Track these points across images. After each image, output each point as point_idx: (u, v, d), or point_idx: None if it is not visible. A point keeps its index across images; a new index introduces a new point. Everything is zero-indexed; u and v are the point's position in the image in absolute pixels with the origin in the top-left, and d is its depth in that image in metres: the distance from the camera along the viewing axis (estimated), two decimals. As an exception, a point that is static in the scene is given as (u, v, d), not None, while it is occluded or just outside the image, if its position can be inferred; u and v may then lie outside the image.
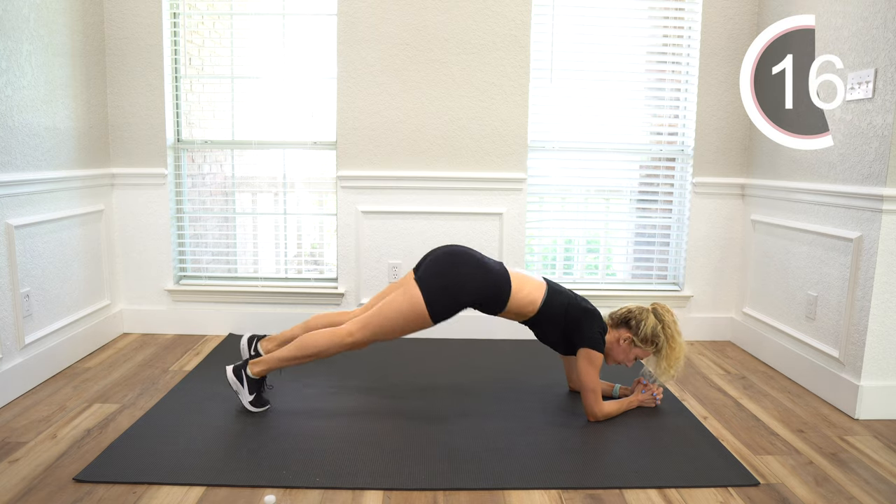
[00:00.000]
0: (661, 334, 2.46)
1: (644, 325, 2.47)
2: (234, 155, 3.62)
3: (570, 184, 3.63)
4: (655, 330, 2.46)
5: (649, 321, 2.48)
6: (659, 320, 2.48)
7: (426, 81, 3.38)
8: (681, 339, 2.49)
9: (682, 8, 3.48)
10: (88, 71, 3.17)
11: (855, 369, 2.60)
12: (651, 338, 2.47)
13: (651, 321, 2.48)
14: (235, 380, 2.45)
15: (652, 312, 2.50)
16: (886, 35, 2.46)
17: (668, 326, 2.47)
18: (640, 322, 2.48)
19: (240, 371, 2.46)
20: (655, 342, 2.48)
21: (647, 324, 2.47)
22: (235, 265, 3.70)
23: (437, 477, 2.04)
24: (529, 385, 2.85)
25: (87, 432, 2.31)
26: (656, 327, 2.47)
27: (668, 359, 2.47)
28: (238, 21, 3.48)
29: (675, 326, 2.49)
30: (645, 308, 2.53)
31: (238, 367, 2.47)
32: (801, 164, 3.00)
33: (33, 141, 2.73)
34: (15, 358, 2.62)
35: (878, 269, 2.50)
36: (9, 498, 1.87)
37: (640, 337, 2.48)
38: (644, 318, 2.49)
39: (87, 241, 3.18)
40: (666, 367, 2.48)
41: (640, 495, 1.98)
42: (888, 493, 2.02)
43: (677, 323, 2.51)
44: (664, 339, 2.46)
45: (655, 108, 3.61)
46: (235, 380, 2.45)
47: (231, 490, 1.95)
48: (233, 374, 2.46)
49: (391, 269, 3.51)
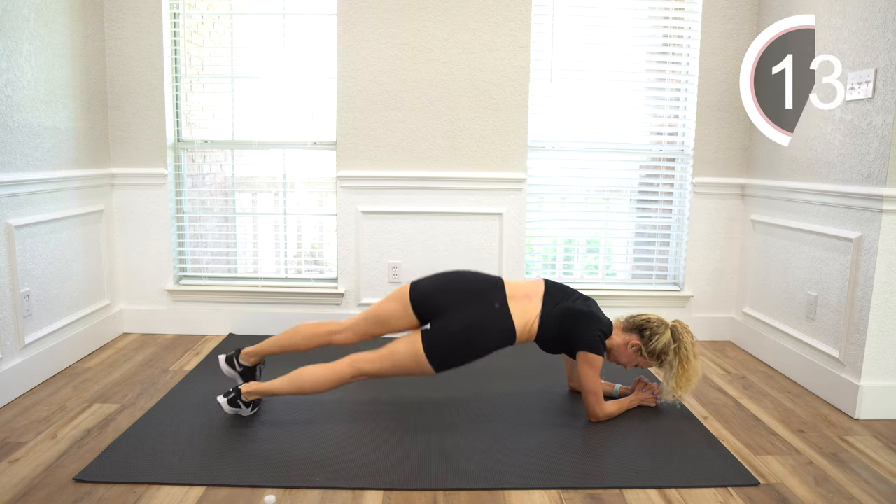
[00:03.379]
0: (672, 353, 2.43)
1: (657, 339, 2.44)
2: (234, 155, 3.62)
3: (570, 184, 3.63)
4: (667, 348, 2.43)
5: (664, 338, 2.44)
6: (675, 340, 2.44)
7: (426, 81, 3.38)
8: (696, 362, 2.44)
9: (682, 8, 3.48)
10: (88, 71, 3.17)
11: (855, 369, 2.60)
12: (659, 354, 2.45)
13: (665, 338, 2.44)
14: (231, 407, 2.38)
15: (670, 330, 2.46)
16: (886, 35, 2.46)
17: (683, 347, 2.43)
18: (655, 336, 2.45)
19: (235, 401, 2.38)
20: (662, 360, 2.46)
21: (661, 339, 2.44)
22: (235, 265, 3.70)
23: (437, 477, 2.04)
24: (529, 385, 2.85)
25: (87, 432, 2.31)
26: (668, 345, 2.43)
27: (677, 378, 2.43)
28: (238, 21, 3.48)
29: (692, 349, 2.44)
30: (665, 322, 2.48)
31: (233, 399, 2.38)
32: (801, 164, 3.00)
33: (33, 141, 2.73)
34: (15, 358, 2.62)
35: (878, 269, 2.50)
36: (9, 498, 1.87)
37: (648, 349, 2.45)
38: (660, 332, 2.45)
39: (87, 241, 3.18)
40: (675, 386, 2.44)
41: (640, 495, 1.98)
42: (888, 493, 2.02)
43: (695, 345, 2.46)
44: (674, 358, 2.43)
45: (655, 108, 3.61)
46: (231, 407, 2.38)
47: (231, 490, 1.95)
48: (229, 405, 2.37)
49: (391, 269, 3.51)
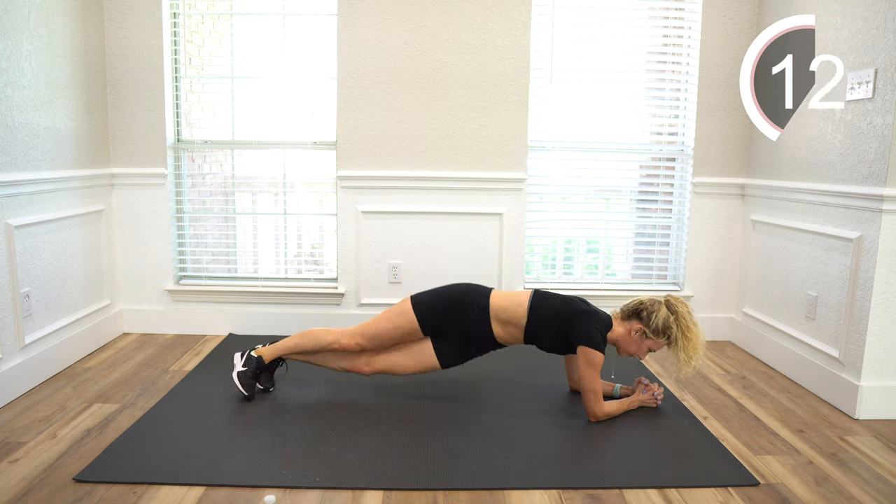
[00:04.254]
0: (674, 325, 2.44)
1: (656, 316, 2.46)
2: (234, 155, 3.62)
3: (570, 184, 3.63)
4: (668, 321, 2.44)
5: (661, 312, 2.46)
6: (671, 312, 2.46)
7: (426, 81, 3.38)
8: (697, 329, 2.45)
9: (682, 8, 3.48)
10: (88, 71, 3.17)
11: (855, 369, 2.60)
12: (663, 329, 2.45)
13: (663, 312, 2.46)
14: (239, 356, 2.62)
15: (665, 304, 2.49)
16: (886, 35, 2.46)
17: (682, 317, 2.45)
18: (652, 313, 2.47)
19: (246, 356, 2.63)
20: (667, 333, 2.46)
21: (659, 315, 2.45)
22: (235, 265, 3.70)
23: (437, 477, 2.04)
24: (529, 385, 2.85)
25: (87, 432, 2.31)
26: (668, 318, 2.45)
27: (685, 350, 2.43)
28: (238, 21, 3.48)
29: (690, 317, 2.46)
30: (657, 300, 2.51)
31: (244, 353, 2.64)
32: (801, 164, 3.00)
33: (33, 141, 2.73)
34: (15, 358, 2.62)
35: (878, 269, 2.50)
36: (9, 498, 1.87)
37: (651, 328, 2.47)
38: (656, 309, 2.47)
39: (87, 241, 3.17)
40: (685, 358, 2.44)
41: (640, 495, 1.98)
42: (888, 493, 2.02)
43: (692, 314, 2.48)
44: (677, 331, 2.44)
45: (655, 108, 3.61)
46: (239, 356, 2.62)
47: (231, 490, 1.95)
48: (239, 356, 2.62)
49: (391, 269, 3.51)
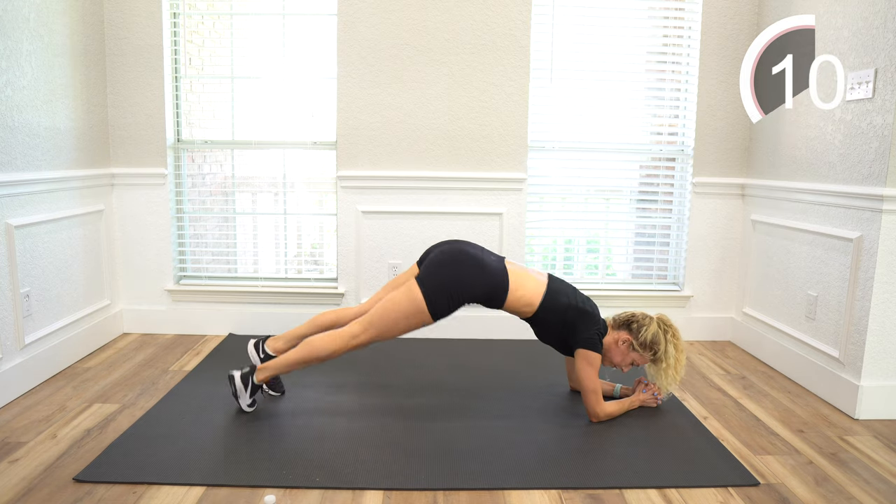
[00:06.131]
0: (663, 342, 2.46)
1: (646, 329, 2.48)
2: (234, 155, 3.62)
3: (570, 184, 3.63)
4: (656, 337, 2.47)
5: (651, 327, 2.48)
6: (663, 328, 2.49)
7: (426, 81, 3.38)
8: (683, 354, 2.50)
9: (682, 8, 3.48)
10: (88, 71, 3.17)
11: (855, 369, 2.60)
12: (650, 344, 2.47)
13: (653, 328, 2.48)
14: (242, 386, 2.46)
15: (656, 321, 2.51)
16: (886, 35, 2.46)
17: (673, 335, 2.49)
18: (643, 327, 2.49)
19: (247, 378, 2.47)
20: (654, 349, 2.48)
21: (649, 330, 2.48)
22: (235, 265, 3.70)
23: (437, 477, 2.04)
24: (529, 385, 2.85)
25: (87, 432, 2.31)
26: (657, 335, 2.47)
27: (669, 369, 2.47)
28: (238, 21, 3.48)
29: (679, 339, 2.50)
30: (649, 315, 2.54)
31: (246, 374, 2.47)
32: (801, 164, 3.00)
33: (33, 141, 2.73)
34: (15, 358, 2.62)
35: (878, 269, 2.50)
36: (9, 498, 1.87)
37: (639, 341, 2.49)
38: (647, 323, 2.50)
39: (87, 241, 3.17)
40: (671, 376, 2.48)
41: (640, 495, 1.98)
42: (888, 493, 2.02)
43: (680, 339, 2.51)
44: (666, 347, 2.46)
45: (655, 108, 3.61)
46: (242, 386, 2.46)
47: (231, 490, 1.95)
48: (241, 380, 2.46)
49: (391, 269, 3.51)
